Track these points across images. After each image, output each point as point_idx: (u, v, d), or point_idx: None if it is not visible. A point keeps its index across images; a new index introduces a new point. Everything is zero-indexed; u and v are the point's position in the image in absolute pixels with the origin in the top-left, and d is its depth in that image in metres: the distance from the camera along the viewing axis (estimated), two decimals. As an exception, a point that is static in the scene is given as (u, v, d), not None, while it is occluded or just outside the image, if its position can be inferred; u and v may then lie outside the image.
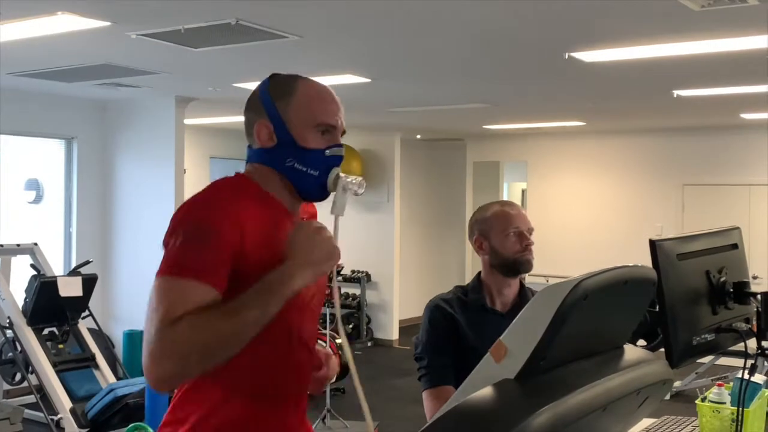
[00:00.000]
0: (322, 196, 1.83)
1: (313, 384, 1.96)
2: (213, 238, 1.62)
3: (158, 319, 1.55)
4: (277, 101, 1.80)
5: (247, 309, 1.58)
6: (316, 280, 1.73)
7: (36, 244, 7.11)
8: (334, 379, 2.04)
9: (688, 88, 6.75)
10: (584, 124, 9.77)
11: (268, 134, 1.80)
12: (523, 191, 12.85)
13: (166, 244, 1.66)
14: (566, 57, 5.27)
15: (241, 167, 1.92)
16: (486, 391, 1.28)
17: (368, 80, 6.41)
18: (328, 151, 1.79)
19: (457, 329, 2.52)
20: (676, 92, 6.88)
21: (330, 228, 1.78)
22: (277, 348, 1.76)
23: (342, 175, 1.80)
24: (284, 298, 1.63)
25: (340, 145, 1.82)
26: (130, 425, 5.41)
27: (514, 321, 1.37)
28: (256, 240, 1.68)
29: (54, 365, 6.33)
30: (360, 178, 1.83)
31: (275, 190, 1.81)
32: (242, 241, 1.65)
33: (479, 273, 2.70)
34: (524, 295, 2.62)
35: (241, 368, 1.70)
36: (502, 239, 2.58)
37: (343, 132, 1.85)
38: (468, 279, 2.75)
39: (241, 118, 1.91)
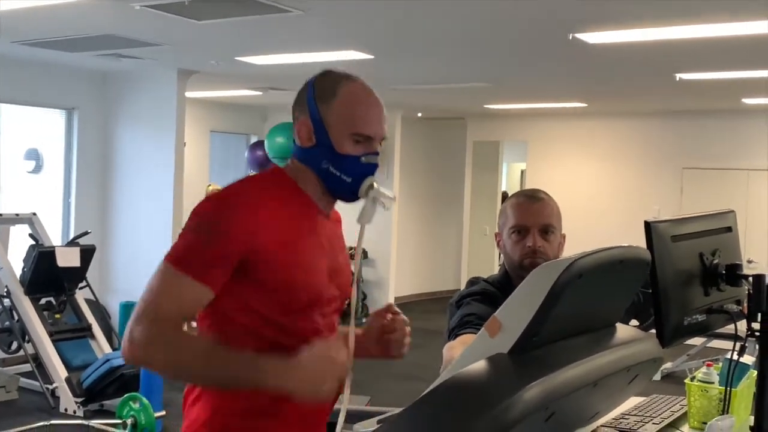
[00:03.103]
0: (352, 199, 1.84)
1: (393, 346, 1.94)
2: (221, 236, 1.66)
3: (149, 310, 1.63)
4: (319, 102, 1.80)
5: (224, 370, 1.64)
6: (300, 399, 1.65)
7: (35, 213, 7.12)
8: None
9: (690, 71, 6.75)
10: (585, 105, 9.76)
11: (308, 134, 1.81)
12: (523, 172, 12.86)
13: (182, 230, 1.71)
14: (570, 38, 5.26)
15: (241, 142, 1.93)
16: (479, 365, 1.31)
17: (371, 57, 6.40)
18: (363, 159, 1.79)
19: None
20: (678, 75, 6.88)
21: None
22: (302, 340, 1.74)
23: (375, 186, 1.80)
24: (260, 386, 1.64)
25: (377, 153, 1.82)
26: (125, 395, 5.46)
27: (509, 297, 1.39)
28: (276, 238, 1.69)
29: (50, 335, 6.37)
30: (392, 195, 1.83)
31: (310, 189, 1.82)
32: (255, 240, 1.67)
33: (502, 267, 2.35)
34: None
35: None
36: (508, 238, 2.26)
37: (383, 138, 1.84)
38: (465, 259, 2.67)
39: (242, 92, 1.93)
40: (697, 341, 7.52)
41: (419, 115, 11.67)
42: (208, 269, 1.65)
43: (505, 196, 12.71)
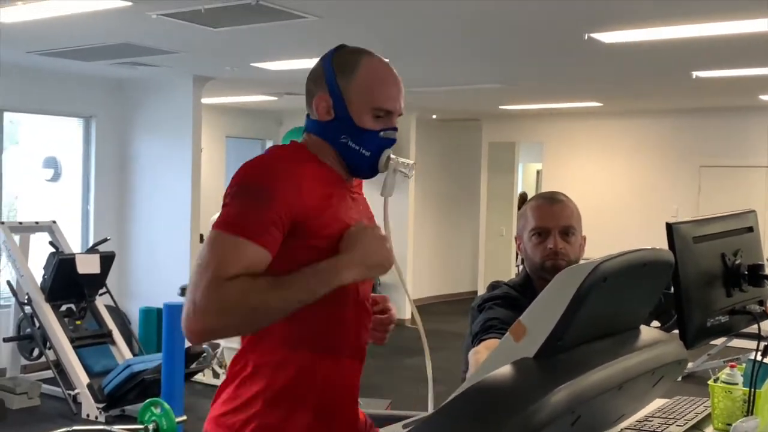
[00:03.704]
0: (371, 174, 1.86)
1: (378, 332, 1.97)
2: (270, 200, 1.65)
3: (210, 274, 1.58)
4: (339, 76, 1.80)
5: (296, 289, 1.65)
6: (363, 280, 1.78)
7: (54, 221, 7.18)
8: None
9: (706, 69, 6.72)
10: (601, 104, 9.73)
11: (327, 108, 1.81)
12: (538, 172, 12.83)
13: (224, 201, 1.69)
14: (586, 38, 5.26)
15: (257, 147, 1.95)
16: (505, 369, 1.31)
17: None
18: (382, 134, 1.81)
19: None
20: (695, 73, 6.85)
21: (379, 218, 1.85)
22: (339, 306, 1.78)
23: (393, 156, 1.82)
24: (332, 287, 1.68)
25: (395, 128, 1.84)
26: (147, 400, 5.47)
27: (534, 301, 1.40)
28: (314, 203, 1.71)
29: (71, 341, 6.41)
30: (411, 161, 1.84)
31: (330, 161, 1.83)
32: (301, 203, 1.68)
33: (523, 271, 2.35)
34: None
35: (303, 323, 1.73)
36: (528, 241, 2.25)
37: (400, 114, 1.86)
38: (482, 261, 2.67)
39: (257, 98, 1.95)
40: (717, 341, 7.48)
41: (434, 117, 11.67)
42: (263, 231, 1.63)
43: (523, 197, 12.67)
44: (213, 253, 1.62)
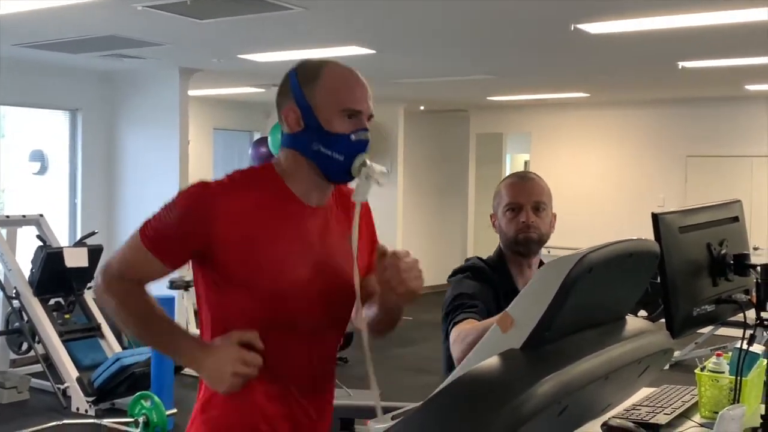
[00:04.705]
0: (347, 179, 1.85)
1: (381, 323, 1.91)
2: (180, 221, 1.77)
3: (116, 267, 1.81)
4: (304, 86, 1.81)
5: (155, 336, 1.83)
6: (211, 386, 1.81)
7: (42, 215, 7.14)
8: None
9: (692, 59, 6.75)
10: (588, 95, 9.76)
11: (296, 119, 1.82)
12: (526, 162, 12.86)
13: (163, 204, 1.82)
14: (572, 28, 5.27)
15: (244, 139, 1.96)
16: (493, 360, 1.32)
17: (373, 52, 6.41)
18: (353, 136, 1.79)
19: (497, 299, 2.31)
20: (681, 64, 6.88)
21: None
22: (283, 335, 1.80)
23: (367, 162, 1.81)
24: (178, 362, 1.91)
25: (366, 129, 1.82)
26: (137, 394, 5.49)
27: (520, 293, 1.41)
28: (236, 225, 1.74)
29: (60, 335, 6.40)
30: (384, 169, 1.83)
31: (299, 182, 1.83)
32: (215, 226, 1.74)
33: (498, 249, 2.47)
34: None
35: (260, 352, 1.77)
36: (503, 216, 2.39)
37: (371, 116, 1.85)
38: (470, 250, 2.72)
39: (245, 90, 1.96)
40: (704, 330, 7.53)
41: (422, 108, 11.68)
42: (166, 247, 1.77)
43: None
44: (127, 252, 1.82)
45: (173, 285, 7.16)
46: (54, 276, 6.55)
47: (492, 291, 2.34)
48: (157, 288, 1.87)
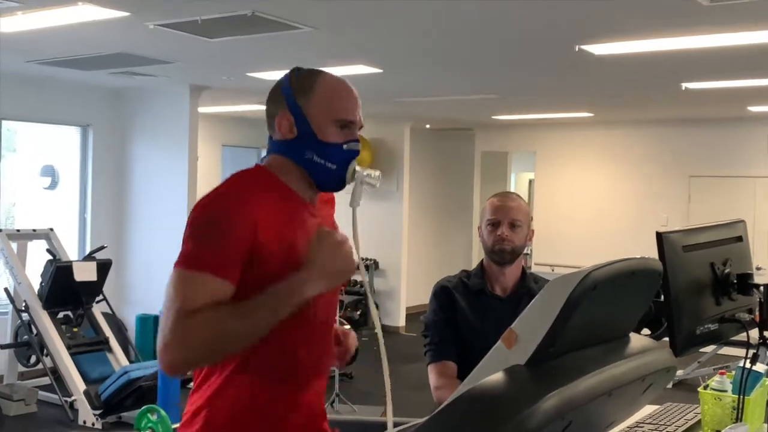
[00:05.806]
0: (339, 187, 1.89)
1: (337, 359, 2.05)
2: (227, 233, 1.68)
3: (175, 311, 1.63)
4: (298, 95, 1.86)
5: (259, 312, 1.67)
6: (329, 289, 1.80)
7: (52, 229, 7.20)
8: (351, 355, 2.10)
9: (696, 80, 6.78)
10: (592, 115, 9.79)
11: (289, 126, 1.85)
12: (531, 181, 12.88)
13: (184, 237, 1.72)
14: (576, 49, 5.32)
15: (252, 155, 1.98)
16: (497, 376, 1.33)
17: (380, 71, 6.46)
18: (345, 146, 1.84)
19: (457, 310, 2.75)
20: (684, 85, 6.91)
21: (348, 228, 1.85)
22: (298, 329, 1.81)
23: (359, 168, 1.86)
24: (296, 306, 1.70)
25: (357, 140, 1.88)
26: (143, 407, 5.51)
27: (525, 309, 1.42)
28: (271, 231, 1.73)
29: (68, 348, 6.43)
30: (377, 172, 1.88)
31: (293, 181, 1.86)
32: (256, 233, 1.70)
33: (482, 260, 2.87)
34: (525, 281, 2.80)
35: (261, 349, 1.76)
36: (485, 229, 2.78)
37: (361, 126, 1.90)
38: (474, 267, 2.89)
39: (254, 107, 1.98)
40: (707, 348, 7.52)
41: (428, 126, 11.72)
42: (223, 264, 1.67)
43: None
44: (177, 291, 1.66)
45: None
46: (63, 289, 6.59)
47: (451, 303, 2.78)
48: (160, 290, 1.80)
